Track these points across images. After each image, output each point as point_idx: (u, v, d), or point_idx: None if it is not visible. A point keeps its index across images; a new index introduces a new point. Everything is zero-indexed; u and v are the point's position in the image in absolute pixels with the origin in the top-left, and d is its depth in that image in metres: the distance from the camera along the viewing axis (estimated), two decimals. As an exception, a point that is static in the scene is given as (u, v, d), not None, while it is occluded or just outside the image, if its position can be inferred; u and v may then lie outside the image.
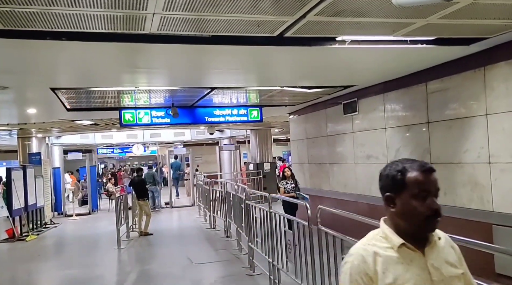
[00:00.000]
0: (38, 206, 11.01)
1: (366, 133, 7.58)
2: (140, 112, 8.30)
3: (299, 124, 10.52)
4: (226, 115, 8.84)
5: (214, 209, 9.96)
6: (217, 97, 8.16)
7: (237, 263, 6.74)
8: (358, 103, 7.73)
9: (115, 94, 7.03)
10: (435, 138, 5.84)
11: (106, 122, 10.78)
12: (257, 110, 8.99)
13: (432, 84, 5.87)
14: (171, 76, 5.99)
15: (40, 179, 11.35)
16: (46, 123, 10.05)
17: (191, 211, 13.73)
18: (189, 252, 7.72)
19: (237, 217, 7.52)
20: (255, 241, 5.97)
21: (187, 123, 8.88)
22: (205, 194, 10.85)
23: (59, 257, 8.48)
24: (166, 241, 9.07)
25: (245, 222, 6.52)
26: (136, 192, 9.85)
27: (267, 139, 16.07)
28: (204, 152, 25.08)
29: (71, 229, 11.55)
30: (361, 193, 7.73)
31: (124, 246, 8.45)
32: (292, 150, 11.01)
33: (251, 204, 6.09)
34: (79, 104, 7.70)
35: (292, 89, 7.11)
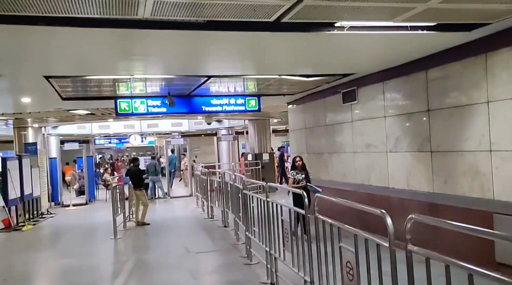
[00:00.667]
0: (34, 196, 10.95)
1: (366, 122, 7.50)
2: (136, 101, 8.18)
3: (297, 114, 10.43)
4: (223, 104, 8.73)
5: (212, 199, 9.90)
6: (214, 86, 8.04)
7: (234, 252, 6.70)
8: (358, 92, 7.63)
9: (110, 83, 6.91)
10: (435, 126, 5.76)
11: (102, 112, 10.67)
12: (255, 99, 8.88)
13: (433, 71, 5.77)
14: (166, 64, 5.87)
15: (36, 169, 11.26)
16: (41, 113, 9.94)
17: (189, 201, 13.68)
18: (186, 241, 7.68)
19: (234, 206, 7.47)
20: (253, 230, 5.93)
21: (183, 113, 8.77)
22: (203, 184, 10.79)
23: (54, 247, 8.44)
24: (163, 231, 9.03)
25: (243, 211, 6.47)
26: (133, 182, 9.78)
27: (266, 130, 15.99)
28: (202, 142, 25.00)
29: (68, 219, 11.50)
30: (360, 182, 7.68)
31: (120, 236, 8.40)
32: (291, 140, 10.94)
33: (249, 193, 6.02)
34: (74, 93, 7.58)
35: (291, 77, 7.01)
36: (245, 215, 6.29)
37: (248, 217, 6.10)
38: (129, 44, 4.58)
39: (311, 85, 8.12)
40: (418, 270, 2.46)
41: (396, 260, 2.55)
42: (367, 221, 3.84)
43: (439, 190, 5.67)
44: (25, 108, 9.31)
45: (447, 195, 5.50)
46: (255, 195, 5.71)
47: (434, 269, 2.34)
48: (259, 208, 5.43)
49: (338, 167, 8.56)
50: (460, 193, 5.27)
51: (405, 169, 6.41)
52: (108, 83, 6.89)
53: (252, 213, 5.97)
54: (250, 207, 6.00)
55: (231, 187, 7.72)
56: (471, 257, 1.99)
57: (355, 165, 7.93)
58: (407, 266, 2.49)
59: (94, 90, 7.52)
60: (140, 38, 4.30)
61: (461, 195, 5.26)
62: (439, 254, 2.24)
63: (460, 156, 5.27)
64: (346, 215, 4.17)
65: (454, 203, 5.27)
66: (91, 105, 9.15)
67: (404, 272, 2.50)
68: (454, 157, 5.38)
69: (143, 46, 4.69)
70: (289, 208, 4.38)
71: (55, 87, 6.67)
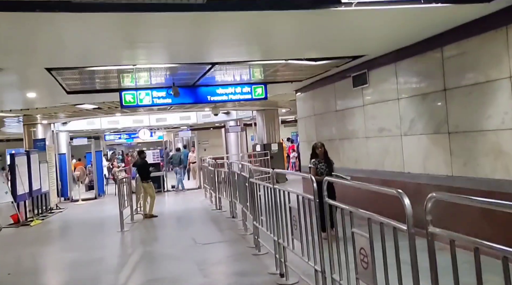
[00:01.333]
0: (43, 191, 10.89)
1: (378, 106, 7.17)
2: (141, 93, 7.98)
3: (306, 101, 10.12)
4: (229, 93, 8.48)
5: (220, 190, 9.70)
6: (219, 75, 7.80)
7: (242, 242, 6.49)
8: (368, 75, 7.30)
9: (114, 74, 6.72)
10: (453, 106, 5.42)
11: (109, 105, 10.51)
12: (261, 87, 8.61)
13: (449, 49, 5.42)
14: (169, 51, 5.62)
15: (44, 164, 11.19)
16: (49, 108, 9.82)
17: (197, 193, 13.53)
18: (193, 233, 7.49)
19: (242, 196, 7.25)
20: (260, 219, 5.69)
21: (189, 103, 8.55)
22: (211, 175, 10.60)
23: (60, 241, 8.36)
24: (171, 222, 8.88)
25: (250, 201, 6.24)
26: (140, 174, 9.63)
27: (274, 120, 15.70)
28: (210, 135, 24.87)
29: (76, 213, 11.43)
30: (373, 168, 7.37)
31: (127, 229, 8.26)
32: (300, 128, 10.64)
33: (255, 181, 5.78)
34: (79, 86, 7.39)
35: (298, 62, 6.70)
36: (252, 204, 6.06)
37: (256, 206, 5.86)
38: (132, 30, 4.39)
39: (319, 69, 7.81)
40: (439, 257, 2.19)
41: (416, 247, 2.29)
42: (382, 207, 3.55)
43: (458, 172, 5.34)
44: (32, 104, 9.18)
45: (467, 178, 5.17)
46: (262, 182, 5.46)
47: (458, 256, 2.07)
48: (266, 196, 5.19)
49: (350, 153, 8.26)
50: (482, 175, 4.94)
51: (421, 152, 6.08)
52: (112, 75, 6.70)
53: (259, 202, 5.74)
54: (257, 196, 5.76)
55: (238, 177, 7.49)
56: (500, 242, 1.71)
57: (367, 150, 7.62)
58: (428, 252, 2.22)
59: (98, 83, 7.35)
60: (142, 23, 4.11)
61: (482, 177, 4.93)
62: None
63: (481, 135, 4.93)
64: (359, 201, 3.89)
65: (475, 186, 4.94)
66: (96, 98, 8.98)
67: (424, 259, 2.23)
68: (474, 137, 5.05)
69: (145, 32, 4.48)
70: (297, 194, 4.12)
71: (58, 80, 6.48)
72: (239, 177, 7.40)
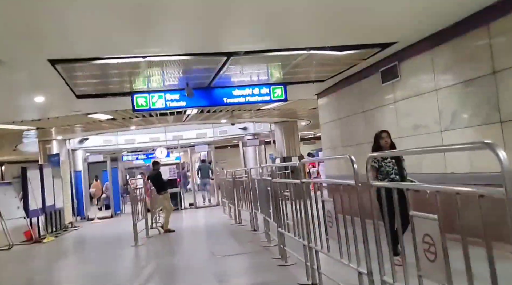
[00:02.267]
0: (56, 208, 10.45)
1: (412, 101, 6.50)
2: (153, 96, 7.56)
3: (329, 105, 9.50)
4: (246, 95, 7.97)
5: (239, 203, 9.06)
6: (235, 74, 7.32)
7: (265, 254, 5.79)
8: (400, 67, 6.67)
9: (125, 72, 6.32)
10: (505, 90, 4.71)
11: (123, 115, 10.14)
12: (280, 88, 8.07)
13: (497, 24, 4.76)
14: (183, 39, 5.15)
15: (58, 180, 10.82)
16: (61, 119, 9.48)
17: (215, 210, 12.90)
18: (211, 246, 6.84)
19: (263, 204, 6.59)
20: (286, 224, 5.01)
21: (204, 106, 8.08)
22: (229, 187, 10.00)
23: (73, 256, 7.83)
24: (187, 237, 8.26)
25: (273, 205, 5.58)
26: (154, 186, 9.10)
27: (294, 133, 15.11)
28: (228, 154, 24.46)
29: (91, 231, 10.93)
30: (409, 171, 6.60)
31: (142, 243, 7.66)
32: (323, 135, 9.98)
33: (278, 180, 5.15)
34: (87, 88, 7.02)
35: (321, 52, 6.15)
36: (276, 209, 5.40)
37: (280, 210, 5.21)
38: (142, 12, 3.95)
39: (343, 65, 7.23)
40: None
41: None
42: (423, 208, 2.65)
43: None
44: (43, 113, 8.87)
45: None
46: (286, 180, 4.82)
47: None
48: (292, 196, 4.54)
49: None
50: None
51: (466, 147, 5.33)
52: (123, 74, 6.29)
53: (284, 205, 5.09)
54: (282, 198, 5.11)
55: (259, 183, 6.85)
56: None
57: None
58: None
59: (109, 86, 6.96)
60: (154, 4, 3.65)
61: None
62: None
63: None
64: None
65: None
66: (108, 105, 8.59)
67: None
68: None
69: (157, 15, 4.06)
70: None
71: (64, 79, 6.09)
72: (260, 182, 6.76)
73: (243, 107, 11.01)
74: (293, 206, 4.60)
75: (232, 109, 11.02)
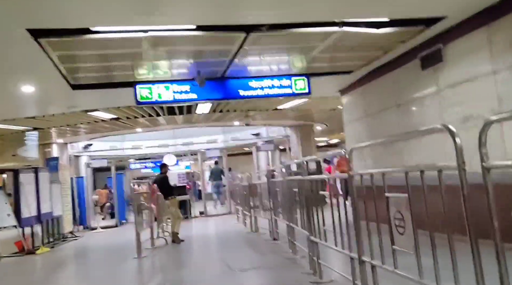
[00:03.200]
0: (54, 215, 9.57)
1: (461, 88, 5.54)
2: (159, 87, 6.70)
3: (354, 101, 8.56)
4: (264, 87, 7.08)
5: (255, 209, 8.11)
6: (253, 62, 6.47)
7: (293, 268, 4.82)
8: (445, 50, 5.73)
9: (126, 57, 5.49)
10: None
11: (127, 113, 9.30)
12: (303, 80, 7.18)
13: None
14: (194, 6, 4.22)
15: (57, 185, 9.96)
16: (58, 117, 8.65)
17: (227, 218, 11.94)
18: (227, 258, 5.86)
19: (286, 209, 5.65)
20: (322, 232, 4.04)
21: (217, 99, 7.18)
22: (244, 192, 9.06)
23: (64, 269, 6.85)
24: (198, 247, 7.33)
25: (302, 209, 4.64)
26: (161, 191, 8.20)
27: (310, 137, 14.18)
28: (239, 162, 23.54)
29: (91, 241, 10.02)
30: (454, 171, 5.60)
31: (146, 255, 6.72)
32: (347, 134, 9.02)
33: (313, 177, 4.21)
34: (83, 75, 6.14)
35: (355, 30, 5.24)
36: (307, 213, 4.46)
37: (312, 214, 4.27)
38: None
39: (378, 50, 6.31)
40: None
41: None
42: None
43: None
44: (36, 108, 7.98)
45: None
46: (323, 176, 3.89)
47: None
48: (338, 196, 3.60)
49: (419, 155, 6.52)
50: None
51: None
52: (123, 55, 5.45)
53: (319, 207, 4.15)
54: (316, 199, 4.17)
55: (282, 184, 5.90)
56: None
57: (446, 149, 5.87)
58: None
59: (107, 71, 6.10)
60: None
61: None
62: None
63: None
64: None
65: None
66: (109, 99, 7.70)
67: None
68: None
69: None
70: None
71: (53, 60, 5.18)
72: (283, 184, 5.81)
73: (258, 107, 10.12)
74: (334, 208, 3.67)
75: (247, 109, 10.13)
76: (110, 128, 11.56)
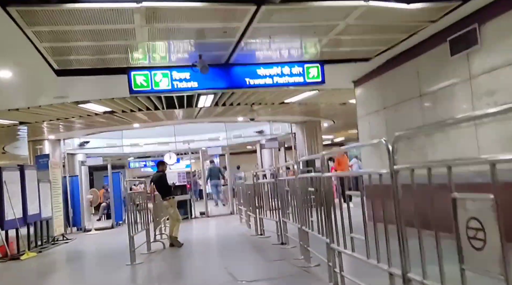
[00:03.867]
0: (43, 217, 8.85)
1: (499, 73, 4.85)
2: (156, 74, 6.03)
3: (370, 93, 7.86)
4: (274, 75, 6.40)
5: (261, 210, 7.40)
6: (261, 45, 5.78)
7: (308, 278, 4.15)
8: (480, 30, 5.04)
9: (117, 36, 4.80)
10: None
11: (122, 106, 8.60)
12: (316, 67, 6.50)
13: None
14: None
15: (45, 184, 9.25)
16: (46, 110, 7.95)
17: (230, 219, 11.23)
18: (231, 265, 5.16)
19: (298, 211, 4.95)
20: (349, 239, 3.35)
21: (221, 88, 6.49)
22: (248, 192, 8.36)
23: (47, 278, 6.13)
24: (199, 252, 6.63)
25: (319, 209, 3.95)
26: (158, 191, 7.50)
27: (317, 134, 13.50)
28: (241, 161, 22.84)
29: (84, 245, 9.33)
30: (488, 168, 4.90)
31: (141, 261, 6.02)
32: (361, 129, 8.31)
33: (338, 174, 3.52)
34: (67, 58, 5.40)
35: (383, 4, 4.54)
36: (326, 216, 3.77)
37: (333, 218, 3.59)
38: None
39: (403, 31, 5.62)
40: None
41: None
42: None
43: None
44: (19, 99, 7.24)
45: None
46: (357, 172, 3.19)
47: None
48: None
49: (446, 150, 5.81)
50: None
51: None
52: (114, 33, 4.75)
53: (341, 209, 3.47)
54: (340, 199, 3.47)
55: (293, 183, 5.20)
56: None
57: (477, 143, 5.21)
58: None
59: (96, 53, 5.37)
60: None
61: None
62: None
63: None
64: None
65: None
66: (100, 88, 6.99)
67: None
68: None
69: None
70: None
71: (28, 36, 4.44)
72: (294, 183, 5.10)
73: (264, 100, 9.43)
74: (365, 210, 2.98)
75: (252, 102, 9.44)
76: (106, 124, 10.88)
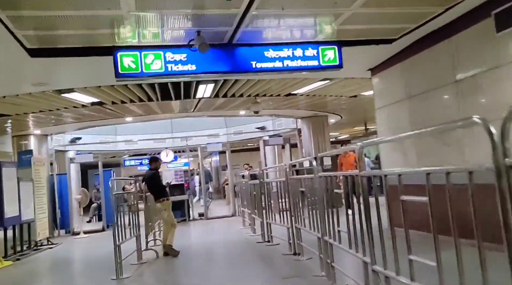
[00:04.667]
0: (23, 220, 7.96)
1: None
2: (147, 55, 5.13)
3: (392, 80, 6.96)
4: (284, 58, 5.50)
5: (268, 213, 6.52)
6: (269, 23, 4.89)
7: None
8: (537, -2, 4.16)
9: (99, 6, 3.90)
10: None
11: (112, 96, 7.67)
12: (333, 49, 5.63)
13: None
14: None
15: (28, 183, 8.37)
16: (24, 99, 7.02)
17: (231, 222, 10.36)
18: (236, 281, 4.28)
19: (317, 217, 4.07)
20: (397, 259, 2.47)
21: (223, 72, 5.54)
22: (253, 193, 7.47)
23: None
24: (197, 263, 5.73)
25: (353, 216, 3.07)
26: (150, 191, 6.62)
27: (324, 130, 12.61)
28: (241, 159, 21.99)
29: (69, 251, 8.44)
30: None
31: (128, 275, 5.13)
32: (379, 122, 7.43)
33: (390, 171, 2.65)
34: (40, 33, 4.50)
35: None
36: (368, 231, 2.89)
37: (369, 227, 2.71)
38: None
39: (437, 5, 4.73)
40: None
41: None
42: None
43: None
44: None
45: None
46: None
47: None
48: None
49: (487, 146, 4.93)
50: None
51: None
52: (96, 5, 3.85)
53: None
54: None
55: (311, 184, 4.31)
56: None
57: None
58: None
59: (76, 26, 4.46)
60: None
61: None
62: None
63: None
64: None
65: None
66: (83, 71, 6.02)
67: None
68: None
69: None
70: None
71: None
72: (311, 185, 4.21)
73: (269, 91, 8.53)
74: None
75: (256, 93, 8.55)
76: (97, 117, 9.95)
